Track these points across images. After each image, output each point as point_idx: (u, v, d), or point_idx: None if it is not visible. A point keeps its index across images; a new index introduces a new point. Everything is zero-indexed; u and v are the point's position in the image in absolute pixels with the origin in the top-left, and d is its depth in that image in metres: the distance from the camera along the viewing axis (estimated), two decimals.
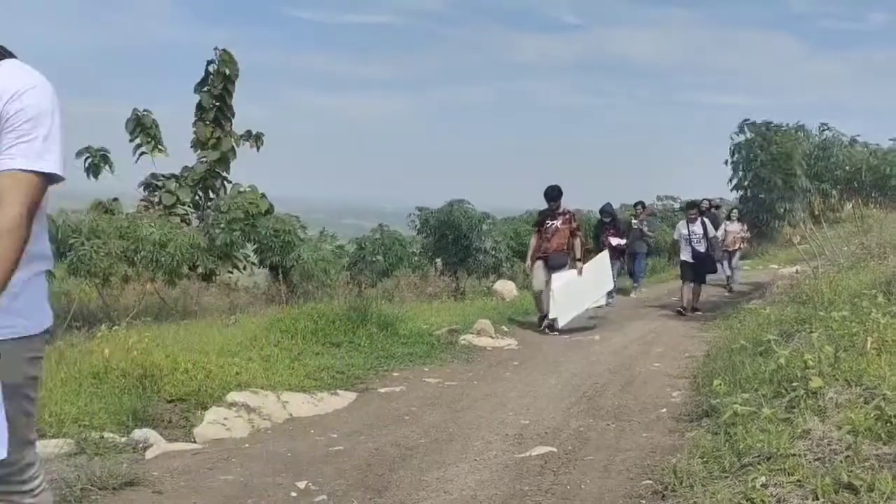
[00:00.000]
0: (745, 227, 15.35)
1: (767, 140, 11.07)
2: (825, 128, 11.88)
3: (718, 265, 12.30)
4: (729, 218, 14.80)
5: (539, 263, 9.63)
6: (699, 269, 11.46)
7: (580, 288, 9.52)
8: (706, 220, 11.71)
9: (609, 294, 11.73)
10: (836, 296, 6.85)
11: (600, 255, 10.57)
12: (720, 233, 13.04)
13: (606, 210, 13.31)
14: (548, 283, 9.39)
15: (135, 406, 4.90)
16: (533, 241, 9.97)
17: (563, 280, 9.35)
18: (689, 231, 11.57)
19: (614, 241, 12.65)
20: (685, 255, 11.65)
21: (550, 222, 9.61)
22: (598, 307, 10.22)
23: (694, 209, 11.80)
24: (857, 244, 10.71)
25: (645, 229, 13.81)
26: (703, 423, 4.56)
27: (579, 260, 9.61)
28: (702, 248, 11.39)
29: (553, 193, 9.63)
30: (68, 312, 7.88)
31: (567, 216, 9.67)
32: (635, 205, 14.49)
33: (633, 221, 13.72)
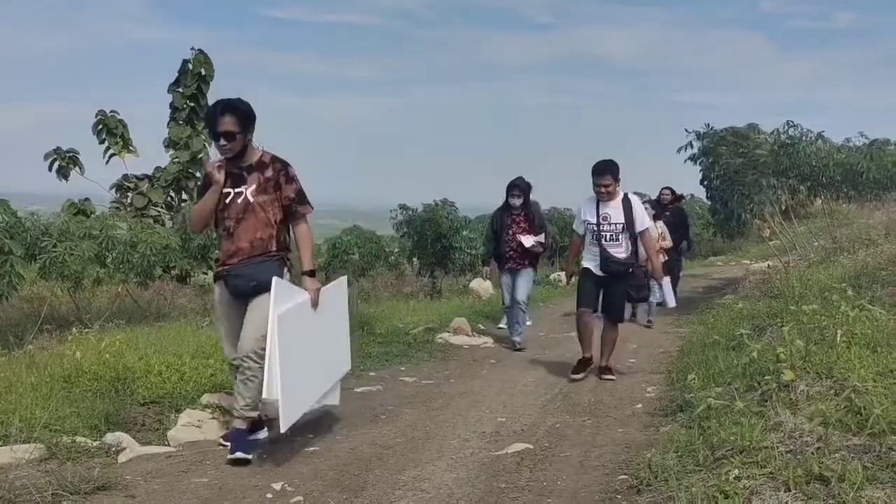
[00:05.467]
0: (663, 231, 9.73)
1: (719, 144, 11.16)
2: (791, 125, 12.04)
3: (655, 287, 7.06)
4: None
5: (220, 292, 4.48)
6: (614, 288, 6.34)
7: (318, 339, 4.58)
8: (633, 198, 6.38)
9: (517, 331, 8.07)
10: (806, 290, 6.97)
11: (334, 284, 5.04)
12: None
13: (518, 186, 8.05)
14: (247, 328, 4.29)
15: (107, 410, 4.83)
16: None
17: (286, 307, 4.17)
18: (597, 216, 6.26)
19: (527, 240, 7.91)
20: (589, 259, 6.41)
21: (232, 189, 4.33)
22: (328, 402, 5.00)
23: (607, 174, 6.20)
24: (827, 239, 10.87)
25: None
26: (678, 418, 4.60)
27: (311, 273, 4.47)
28: (621, 249, 6.26)
29: (223, 109, 4.23)
30: (39, 315, 7.76)
31: (273, 172, 4.35)
32: None
33: None
